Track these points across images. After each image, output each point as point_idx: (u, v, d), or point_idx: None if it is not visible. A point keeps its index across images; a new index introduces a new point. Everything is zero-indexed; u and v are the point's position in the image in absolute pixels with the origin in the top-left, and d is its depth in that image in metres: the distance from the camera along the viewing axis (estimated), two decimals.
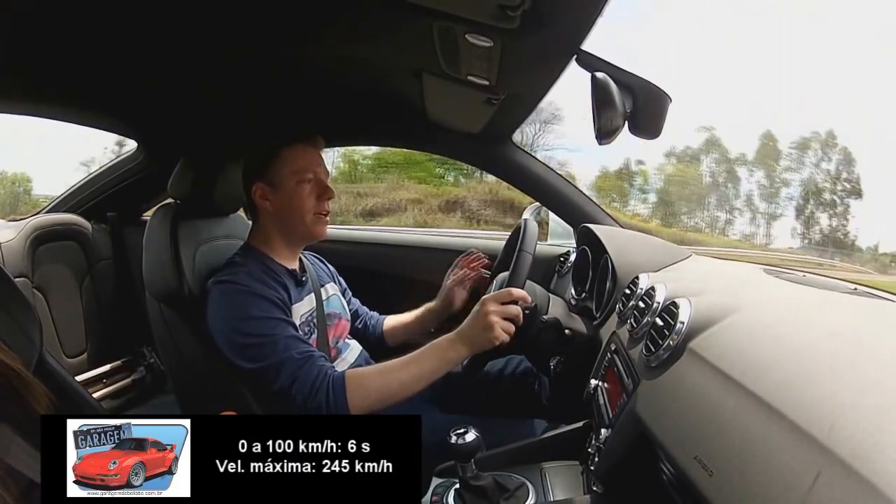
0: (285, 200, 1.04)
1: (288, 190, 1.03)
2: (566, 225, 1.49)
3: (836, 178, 17.20)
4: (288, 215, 1.05)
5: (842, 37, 27.54)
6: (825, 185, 17.40)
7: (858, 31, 31.18)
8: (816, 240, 17.03)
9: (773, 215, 17.77)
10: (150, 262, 1.05)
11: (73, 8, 0.73)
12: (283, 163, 1.03)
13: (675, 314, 0.64)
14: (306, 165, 1.04)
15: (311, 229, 1.06)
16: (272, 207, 1.05)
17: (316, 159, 1.06)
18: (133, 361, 1.74)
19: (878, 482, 0.30)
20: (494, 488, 0.76)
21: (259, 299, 0.95)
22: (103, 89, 1.14)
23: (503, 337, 0.91)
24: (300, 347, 0.94)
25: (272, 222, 1.07)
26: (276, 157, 1.03)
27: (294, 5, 0.73)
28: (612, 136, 0.69)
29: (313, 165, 1.05)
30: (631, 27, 10.75)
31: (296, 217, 1.05)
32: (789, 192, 17.54)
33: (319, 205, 1.06)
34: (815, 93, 26.44)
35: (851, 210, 17.03)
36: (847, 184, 17.29)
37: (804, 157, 17.47)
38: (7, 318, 0.61)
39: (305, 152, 1.05)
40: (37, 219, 1.61)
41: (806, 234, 17.45)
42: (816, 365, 0.45)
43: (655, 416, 0.61)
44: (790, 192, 17.58)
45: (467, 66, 0.83)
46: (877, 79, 24.99)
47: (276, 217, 1.06)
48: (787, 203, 17.64)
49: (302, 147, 1.05)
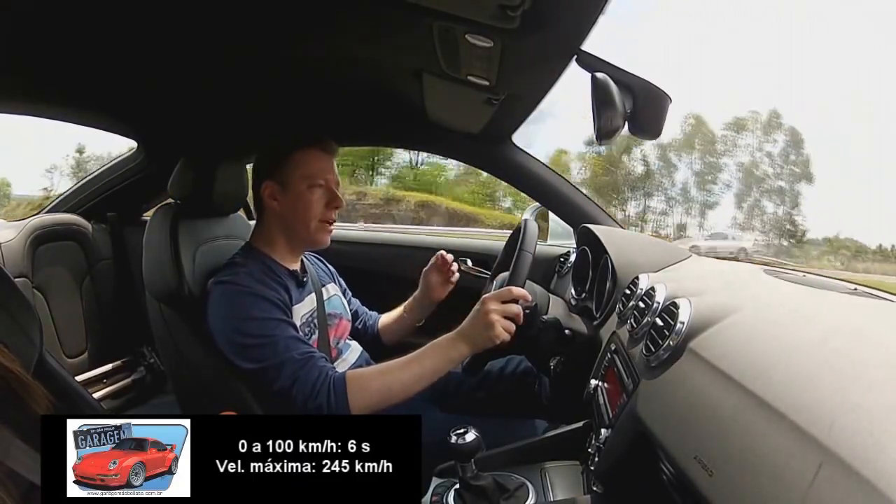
0: (293, 203, 1.04)
1: (297, 193, 1.03)
2: (566, 225, 1.49)
3: (782, 162, 15.88)
4: (293, 218, 1.05)
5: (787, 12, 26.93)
6: (769, 169, 16.01)
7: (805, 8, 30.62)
8: (758, 230, 15.64)
9: (707, 204, 16.54)
10: (150, 262, 1.05)
11: (72, 8, 0.73)
12: (296, 165, 1.03)
13: (675, 314, 0.64)
14: (318, 171, 1.03)
15: (315, 236, 1.06)
16: (280, 208, 1.05)
17: (328, 166, 1.05)
18: (133, 361, 1.74)
19: (878, 482, 0.30)
20: (494, 488, 0.76)
21: (260, 300, 0.95)
22: (103, 89, 1.14)
23: (504, 336, 0.91)
24: (301, 348, 0.94)
25: (277, 223, 1.06)
26: (289, 158, 1.03)
27: (294, 5, 0.73)
28: (613, 136, 0.69)
29: (325, 172, 1.04)
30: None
31: (301, 221, 1.05)
32: (726, 177, 16.06)
33: (326, 213, 1.05)
34: (756, 72, 25.38)
35: (803, 196, 15.70)
36: (795, 167, 16.05)
37: (740, 138, 15.99)
38: (7, 319, 0.61)
39: (319, 158, 1.04)
40: (37, 219, 1.62)
41: (746, 224, 16.29)
42: (816, 365, 0.45)
43: (655, 416, 0.61)
44: (727, 178, 16.15)
45: (467, 66, 0.83)
46: (824, 54, 24.44)
47: (281, 218, 1.06)
48: (724, 191, 16.31)
49: (316, 152, 1.04)
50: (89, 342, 1.69)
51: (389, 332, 1.30)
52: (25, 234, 1.52)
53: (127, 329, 1.72)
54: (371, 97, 1.24)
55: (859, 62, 21.54)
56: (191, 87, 1.13)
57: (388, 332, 1.30)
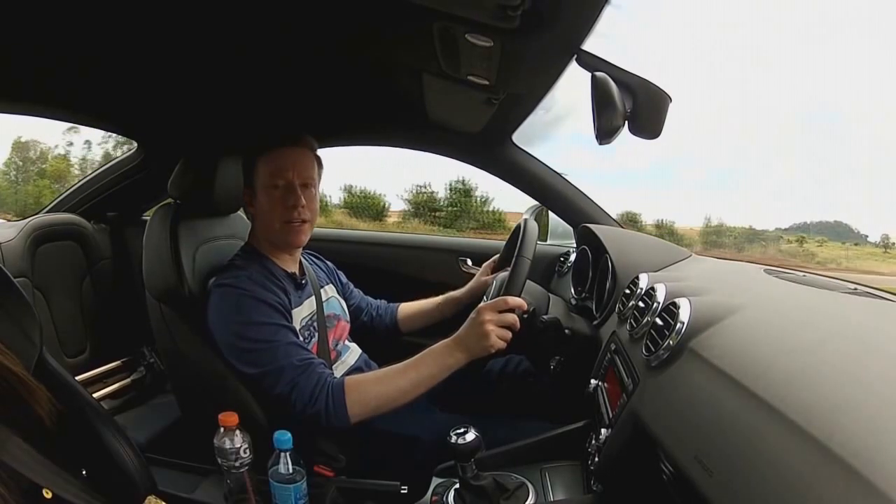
0: (260, 207, 1.04)
1: (261, 197, 1.03)
2: (566, 225, 1.48)
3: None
4: (263, 222, 1.05)
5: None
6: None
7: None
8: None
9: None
10: (150, 262, 1.05)
11: (72, 8, 0.73)
12: (260, 169, 1.02)
13: (675, 314, 0.64)
14: (277, 171, 1.01)
15: (284, 237, 1.04)
16: (255, 213, 1.05)
17: (289, 162, 1.01)
18: (133, 361, 1.74)
19: (878, 482, 0.30)
20: (494, 488, 0.76)
21: (260, 304, 0.95)
22: (103, 89, 1.14)
23: (499, 345, 0.92)
24: (300, 354, 0.94)
25: (258, 227, 1.07)
26: (256, 161, 1.03)
27: (293, 5, 0.73)
28: (613, 136, 0.69)
29: (285, 170, 1.01)
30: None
31: (268, 224, 1.04)
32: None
33: (286, 212, 1.01)
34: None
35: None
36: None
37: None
38: (7, 319, 0.61)
39: (281, 155, 1.01)
40: (37, 219, 1.62)
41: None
42: (816, 365, 0.45)
43: (655, 416, 0.61)
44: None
45: (467, 66, 0.83)
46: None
47: (258, 222, 1.06)
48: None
49: (280, 150, 1.01)
50: (89, 342, 1.69)
51: (413, 322, 1.31)
52: (25, 234, 1.52)
53: (127, 329, 1.72)
54: (371, 97, 1.23)
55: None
56: (190, 87, 1.13)
57: (411, 322, 1.31)
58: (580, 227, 1.36)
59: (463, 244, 1.75)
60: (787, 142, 16.79)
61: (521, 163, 1.44)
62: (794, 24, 27.39)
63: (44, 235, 1.57)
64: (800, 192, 16.56)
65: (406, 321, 1.31)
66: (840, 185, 17.52)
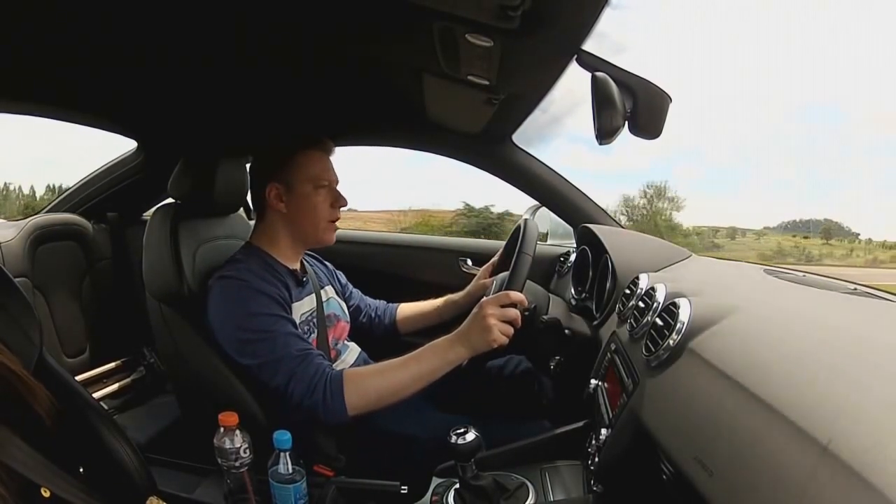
0: (299, 204, 1.05)
1: (303, 194, 1.05)
2: (566, 225, 1.48)
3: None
4: (301, 219, 1.07)
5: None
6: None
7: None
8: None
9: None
10: (150, 261, 1.05)
11: (72, 8, 0.73)
12: (300, 167, 1.04)
13: (675, 314, 0.64)
14: (321, 172, 1.06)
15: (322, 236, 1.08)
16: (286, 209, 1.06)
17: (329, 166, 1.08)
18: (133, 361, 1.74)
19: (878, 482, 0.30)
20: (494, 488, 0.76)
21: (260, 295, 0.96)
22: (103, 90, 1.14)
23: (502, 340, 0.91)
24: (299, 345, 0.94)
25: (282, 223, 1.07)
26: (292, 159, 1.05)
27: (293, 5, 0.73)
28: (613, 136, 0.69)
29: (327, 172, 1.07)
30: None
31: (308, 222, 1.07)
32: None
33: (332, 212, 1.08)
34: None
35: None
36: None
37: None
38: (7, 319, 0.61)
39: (321, 159, 1.07)
40: (37, 219, 1.62)
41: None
42: (816, 365, 0.45)
43: (655, 416, 0.61)
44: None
45: (467, 66, 0.83)
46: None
47: (287, 219, 1.07)
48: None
49: (317, 153, 1.06)
50: (89, 342, 1.69)
51: (411, 324, 1.32)
52: (25, 233, 1.52)
53: (127, 329, 1.72)
54: (370, 97, 1.23)
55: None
56: (190, 87, 1.13)
57: (409, 323, 1.32)
58: (580, 227, 1.36)
59: (463, 244, 1.75)
60: (782, 140, 16.92)
61: (521, 163, 1.44)
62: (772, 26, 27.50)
63: (44, 235, 1.57)
64: (793, 191, 16.73)
65: (405, 322, 1.32)
66: (831, 186, 17.69)
